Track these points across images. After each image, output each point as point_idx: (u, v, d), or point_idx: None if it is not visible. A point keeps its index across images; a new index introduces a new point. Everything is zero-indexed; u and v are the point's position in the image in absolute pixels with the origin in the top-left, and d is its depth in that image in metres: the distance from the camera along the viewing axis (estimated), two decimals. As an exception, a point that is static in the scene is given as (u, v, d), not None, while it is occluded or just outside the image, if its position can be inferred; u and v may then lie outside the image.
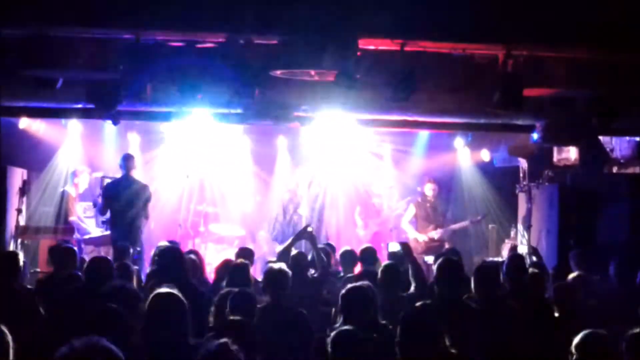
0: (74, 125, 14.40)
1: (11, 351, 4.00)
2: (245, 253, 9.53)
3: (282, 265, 7.53)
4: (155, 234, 13.80)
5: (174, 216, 14.62)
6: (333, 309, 7.42)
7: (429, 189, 14.42)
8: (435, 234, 14.31)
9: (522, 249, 12.14)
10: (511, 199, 14.80)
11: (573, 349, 5.11)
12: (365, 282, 6.51)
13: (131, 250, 10.62)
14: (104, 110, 10.11)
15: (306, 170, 14.74)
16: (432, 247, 13.91)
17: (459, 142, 15.52)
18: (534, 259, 10.67)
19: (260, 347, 6.00)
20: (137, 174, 12.53)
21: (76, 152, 14.75)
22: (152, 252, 9.88)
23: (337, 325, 6.02)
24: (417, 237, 14.21)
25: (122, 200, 11.99)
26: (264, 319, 6.59)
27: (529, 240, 13.39)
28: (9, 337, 4.08)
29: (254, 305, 6.61)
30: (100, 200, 12.36)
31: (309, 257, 9.25)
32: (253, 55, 8.79)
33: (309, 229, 9.69)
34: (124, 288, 6.41)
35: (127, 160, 12.22)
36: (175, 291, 5.46)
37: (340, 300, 6.26)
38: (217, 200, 15.47)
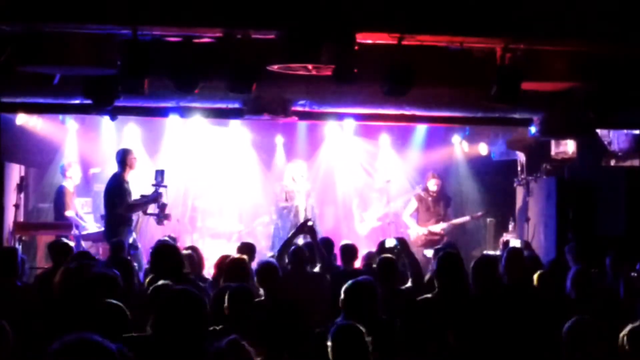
0: (72, 121, 14.43)
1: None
2: (247, 248, 9.54)
3: (272, 260, 7.61)
4: (152, 229, 13.79)
5: (171, 211, 14.61)
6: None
7: (433, 184, 14.48)
8: (437, 227, 14.36)
9: (514, 244, 12.14)
10: (509, 192, 14.83)
11: (563, 335, 5.13)
12: (368, 277, 6.51)
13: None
14: (101, 105, 10.11)
15: (300, 165, 14.74)
16: (433, 241, 13.97)
17: (457, 138, 15.56)
18: (528, 252, 10.68)
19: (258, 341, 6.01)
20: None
21: (74, 147, 14.76)
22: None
23: (338, 320, 6.03)
24: (418, 231, 14.25)
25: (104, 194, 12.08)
26: (260, 314, 6.58)
27: (521, 234, 13.44)
28: (10, 333, 4.09)
29: (252, 300, 6.61)
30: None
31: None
32: (250, 50, 8.79)
33: (309, 223, 9.68)
34: (105, 275, 6.43)
35: (119, 154, 12.18)
36: (190, 288, 5.37)
37: (342, 295, 6.25)
38: (215, 195, 15.46)
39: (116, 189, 11.86)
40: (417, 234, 14.15)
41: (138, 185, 12.36)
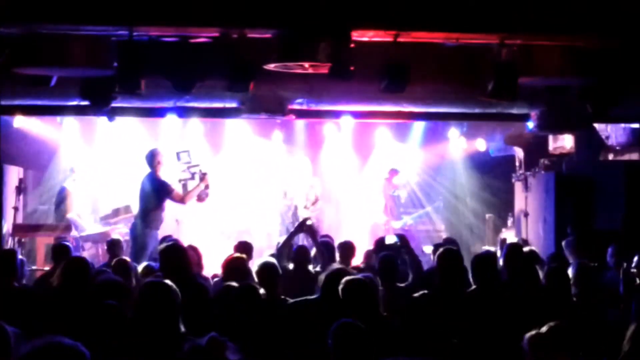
0: (70, 122, 14.44)
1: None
2: (244, 247, 9.54)
3: (270, 259, 7.62)
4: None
5: (171, 211, 14.60)
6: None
7: (400, 178, 14.86)
8: (402, 222, 14.77)
9: (512, 241, 12.18)
10: (508, 188, 14.86)
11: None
12: (367, 275, 6.51)
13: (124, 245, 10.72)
14: (98, 106, 10.10)
15: (303, 161, 14.83)
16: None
17: (454, 132, 15.56)
18: (527, 248, 10.70)
19: (258, 340, 6.02)
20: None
21: (73, 148, 14.78)
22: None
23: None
24: (394, 225, 14.52)
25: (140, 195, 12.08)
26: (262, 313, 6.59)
27: (519, 230, 13.48)
28: (10, 334, 4.08)
29: (259, 299, 6.60)
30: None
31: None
32: (247, 49, 8.79)
33: (308, 222, 9.69)
34: (113, 282, 6.43)
35: (148, 157, 12.16)
36: (166, 281, 5.50)
37: (341, 293, 6.25)
38: (214, 193, 15.45)
39: (161, 186, 11.88)
40: (394, 229, 14.41)
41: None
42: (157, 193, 11.84)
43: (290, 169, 15.07)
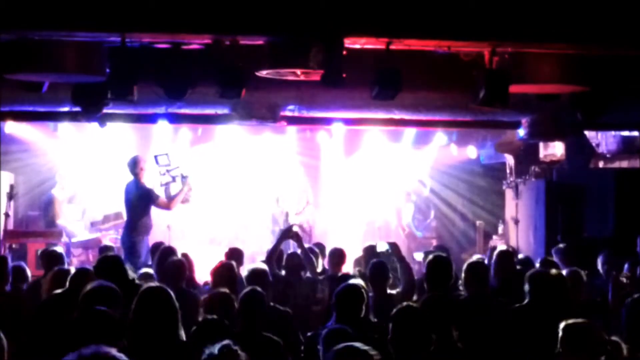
0: (65, 128, 14.42)
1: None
2: (235, 253, 9.55)
3: (261, 264, 7.63)
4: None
5: (163, 218, 14.60)
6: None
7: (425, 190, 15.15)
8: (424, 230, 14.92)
9: (501, 248, 12.22)
10: (498, 195, 14.90)
11: (559, 338, 5.16)
12: (358, 281, 6.53)
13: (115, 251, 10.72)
14: (90, 112, 10.10)
15: (296, 169, 14.87)
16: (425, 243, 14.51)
17: (440, 138, 15.51)
18: (520, 256, 10.73)
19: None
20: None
21: (65, 154, 14.77)
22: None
23: (329, 323, 6.04)
24: (416, 234, 14.74)
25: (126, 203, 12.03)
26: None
27: (509, 238, 13.53)
28: (4, 341, 4.08)
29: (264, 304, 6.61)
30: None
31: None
32: (239, 56, 8.80)
33: (294, 228, 9.71)
34: (103, 287, 6.42)
35: (130, 164, 12.13)
36: (164, 286, 5.50)
37: (333, 298, 6.26)
38: (206, 200, 15.47)
39: (146, 193, 11.86)
40: (416, 237, 14.70)
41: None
42: (142, 200, 11.84)
43: (283, 175, 15.07)
